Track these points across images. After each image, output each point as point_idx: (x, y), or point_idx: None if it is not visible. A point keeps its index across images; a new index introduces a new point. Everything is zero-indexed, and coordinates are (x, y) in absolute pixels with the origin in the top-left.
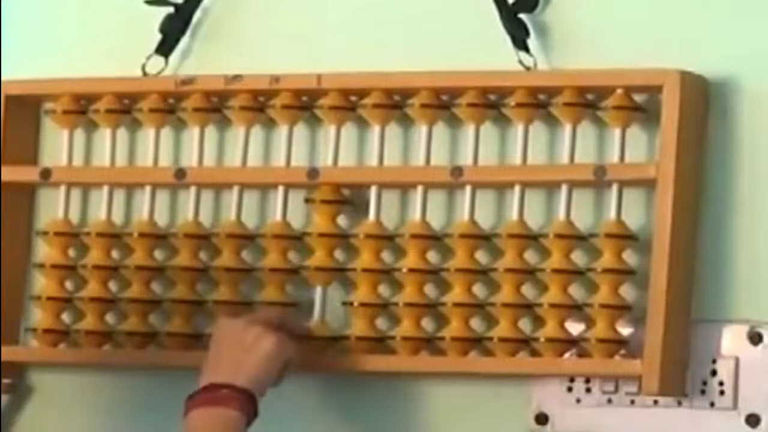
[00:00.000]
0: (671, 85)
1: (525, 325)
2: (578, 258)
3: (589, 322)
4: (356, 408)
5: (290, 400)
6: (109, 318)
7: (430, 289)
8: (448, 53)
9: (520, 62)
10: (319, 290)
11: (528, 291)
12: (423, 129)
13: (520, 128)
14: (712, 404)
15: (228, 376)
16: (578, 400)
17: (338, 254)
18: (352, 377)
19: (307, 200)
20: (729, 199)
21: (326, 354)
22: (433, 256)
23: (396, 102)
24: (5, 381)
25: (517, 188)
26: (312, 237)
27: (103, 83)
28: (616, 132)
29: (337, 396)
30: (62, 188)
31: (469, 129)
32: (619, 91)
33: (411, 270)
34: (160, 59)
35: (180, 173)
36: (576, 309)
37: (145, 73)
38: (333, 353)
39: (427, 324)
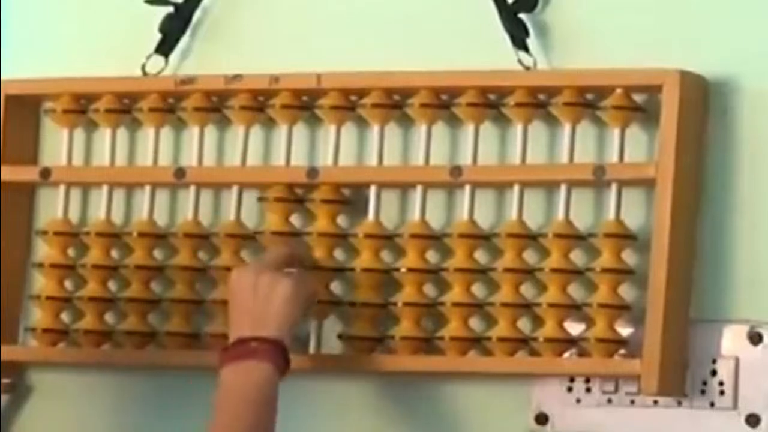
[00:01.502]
0: (671, 84)
1: (524, 324)
2: (577, 258)
3: (589, 322)
4: (355, 408)
5: (288, 401)
6: (109, 317)
7: (429, 289)
8: (448, 53)
9: (520, 62)
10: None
11: (527, 291)
12: (422, 129)
13: (519, 128)
14: (712, 404)
15: (254, 328)
16: (578, 400)
17: (338, 254)
18: (351, 377)
19: (303, 201)
20: (729, 199)
21: (325, 354)
22: (432, 256)
23: (396, 102)
24: (5, 381)
25: (516, 188)
26: (312, 237)
27: (103, 83)
28: (616, 132)
29: (336, 396)
30: (62, 188)
31: (469, 129)
32: (619, 90)
33: (410, 270)
34: (160, 59)
35: (180, 173)
36: (575, 309)
37: (145, 73)
38: (332, 353)
39: (427, 324)
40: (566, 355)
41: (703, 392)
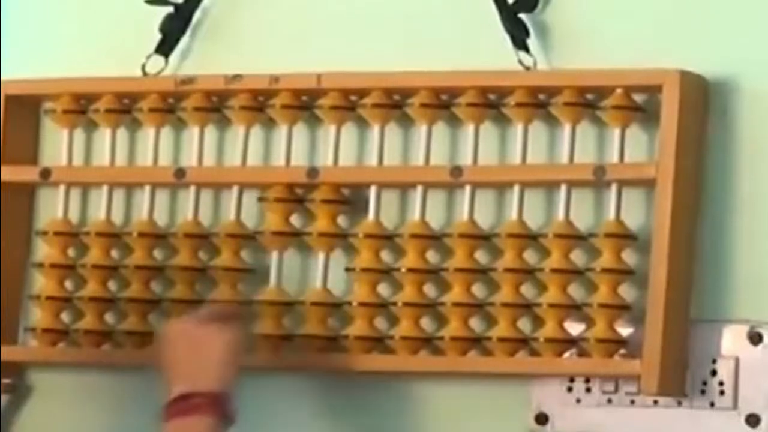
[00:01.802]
0: (671, 84)
1: (524, 324)
2: (577, 258)
3: (589, 322)
4: (356, 408)
5: (289, 401)
6: (109, 318)
7: (429, 289)
8: (448, 53)
9: (520, 62)
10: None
11: (527, 291)
12: (423, 129)
13: (519, 128)
14: (712, 404)
15: (195, 382)
16: (578, 400)
17: (338, 254)
18: (352, 377)
19: (303, 201)
20: (729, 199)
21: (326, 354)
22: (432, 256)
23: (396, 102)
24: (5, 381)
25: (516, 188)
26: (312, 237)
27: (103, 83)
28: (616, 132)
29: (337, 396)
30: (62, 188)
31: (469, 129)
32: (619, 90)
33: (410, 270)
34: (160, 59)
35: (180, 173)
36: (575, 309)
37: (145, 73)
38: (332, 353)
39: (427, 324)
40: (566, 355)
41: (703, 392)
